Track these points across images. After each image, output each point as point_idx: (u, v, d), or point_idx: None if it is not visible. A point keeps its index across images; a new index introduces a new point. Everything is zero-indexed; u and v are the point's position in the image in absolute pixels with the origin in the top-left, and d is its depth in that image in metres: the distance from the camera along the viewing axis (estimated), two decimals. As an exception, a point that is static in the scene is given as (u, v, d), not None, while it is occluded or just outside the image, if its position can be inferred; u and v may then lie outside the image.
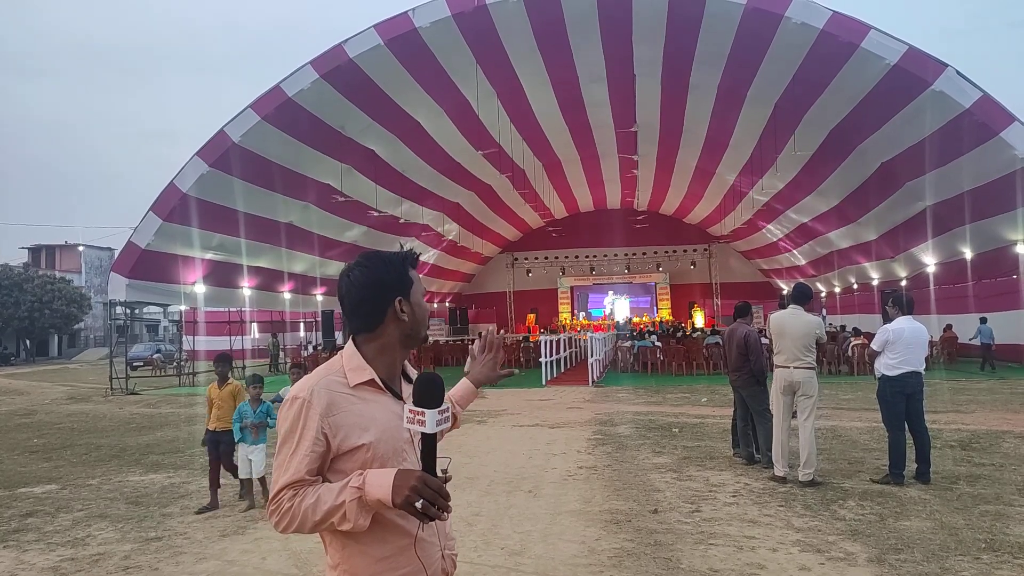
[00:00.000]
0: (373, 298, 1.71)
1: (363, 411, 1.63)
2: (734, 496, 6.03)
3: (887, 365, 6.42)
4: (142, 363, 30.12)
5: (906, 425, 6.38)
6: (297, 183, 19.99)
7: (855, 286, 28.07)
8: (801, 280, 27.62)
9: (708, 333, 22.26)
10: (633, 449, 8.34)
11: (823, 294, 31.49)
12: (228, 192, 18.66)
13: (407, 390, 1.75)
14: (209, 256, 20.57)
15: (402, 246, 1.84)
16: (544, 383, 17.16)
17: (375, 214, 22.43)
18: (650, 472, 7.05)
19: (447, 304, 39.17)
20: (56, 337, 53.66)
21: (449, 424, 1.61)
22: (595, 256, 38.30)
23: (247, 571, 4.54)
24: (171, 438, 10.64)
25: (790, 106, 17.71)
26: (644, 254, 37.93)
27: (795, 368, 6.41)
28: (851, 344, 17.59)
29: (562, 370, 20.31)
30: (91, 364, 40.29)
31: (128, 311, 21.30)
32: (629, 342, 22.29)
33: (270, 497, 1.60)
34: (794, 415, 6.57)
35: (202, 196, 18.28)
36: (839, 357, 18.06)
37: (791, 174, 21.54)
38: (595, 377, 17.25)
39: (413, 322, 1.73)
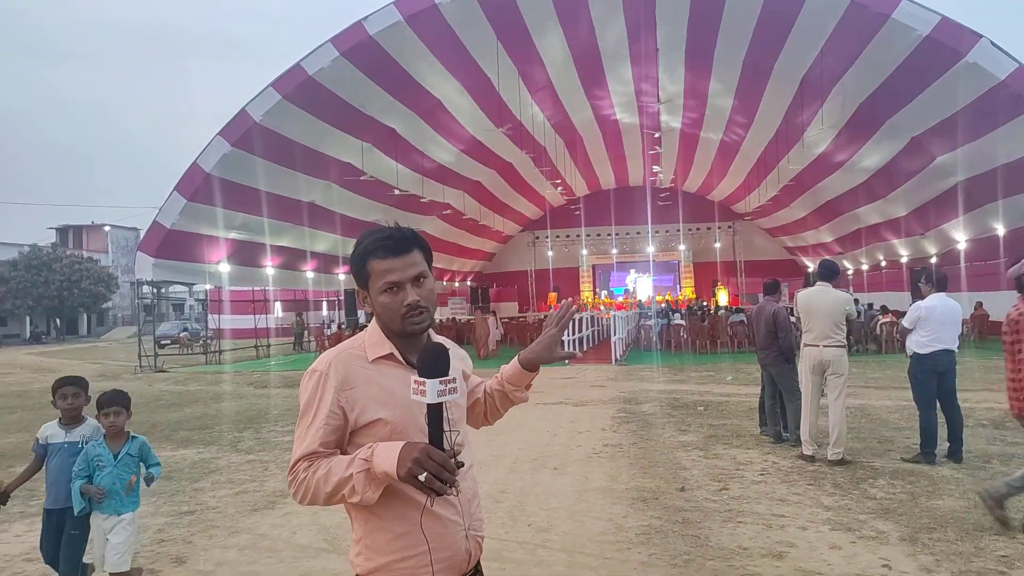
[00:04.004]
0: (355, 280, 1.74)
1: (381, 385, 1.63)
2: (762, 475, 5.99)
3: (918, 343, 6.31)
4: (169, 341, 30.59)
5: (938, 404, 6.28)
6: (318, 162, 20.03)
7: (883, 263, 27.62)
8: (828, 257, 27.25)
9: (732, 311, 22.08)
10: (658, 427, 8.32)
11: (850, 272, 31.04)
12: (251, 171, 18.75)
13: None
14: (233, 235, 20.74)
15: (395, 223, 1.74)
16: (567, 361, 17.14)
17: (396, 193, 22.43)
18: (676, 450, 7.03)
19: (468, 283, 39.24)
20: (85, 316, 54.66)
21: (456, 397, 1.55)
22: (617, 234, 38.04)
23: (277, 545, 4.60)
24: (200, 415, 10.81)
25: (817, 80, 17.31)
26: (667, 232, 37.59)
27: (825, 347, 6.31)
28: (879, 322, 17.35)
29: (585, 348, 20.28)
30: (120, 342, 41.01)
31: (155, 290, 21.60)
32: (652, 320, 22.18)
33: (288, 469, 1.62)
34: (823, 394, 6.49)
35: (225, 176, 18.39)
36: (867, 335, 17.83)
37: (818, 149, 21.15)
38: (618, 355, 17.21)
39: (379, 316, 1.70)
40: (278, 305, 28.67)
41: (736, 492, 5.47)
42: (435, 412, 1.50)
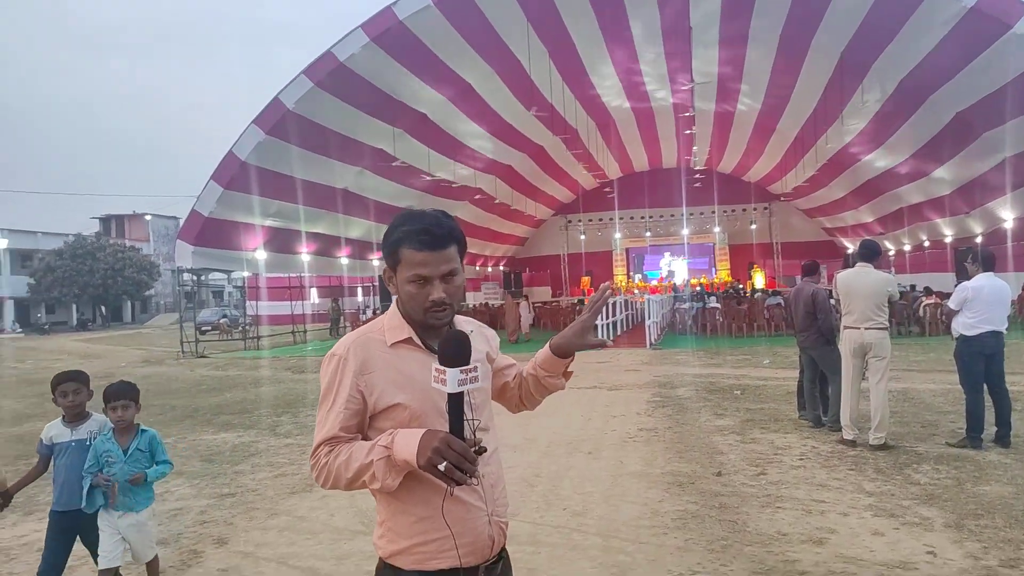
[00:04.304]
0: (384, 259, 1.71)
1: (400, 369, 1.62)
2: (801, 459, 5.89)
3: (965, 324, 6.11)
4: (210, 327, 31.24)
5: (985, 387, 6.10)
6: (351, 148, 20.15)
7: (926, 243, 26.90)
8: (868, 237, 26.60)
9: (769, 294, 21.75)
10: (694, 411, 8.24)
11: (891, 252, 30.31)
12: (285, 159, 18.95)
13: None
14: (268, 223, 21.02)
15: (446, 215, 1.68)
16: (609, 343, 17.03)
17: (428, 178, 22.48)
18: (712, 434, 6.95)
19: (501, 268, 39.26)
20: (129, 303, 56.14)
21: (478, 385, 1.52)
22: (651, 217, 37.62)
23: (316, 527, 4.67)
24: (239, 399, 11.03)
25: (857, 55, 16.82)
26: (702, 214, 37.04)
27: (866, 329, 6.16)
28: (922, 304, 16.92)
29: (619, 333, 20.17)
30: (163, 329, 42.00)
31: (195, 277, 22.05)
32: (687, 304, 21.97)
33: (311, 453, 1.63)
34: (864, 377, 6.35)
35: (260, 164, 18.62)
36: (910, 317, 17.41)
37: (858, 127, 20.62)
38: (653, 339, 17.08)
39: (401, 300, 1.68)
40: (314, 291, 29.06)
41: (774, 477, 5.39)
42: (456, 401, 1.49)
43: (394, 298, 1.73)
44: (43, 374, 16.84)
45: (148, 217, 61.08)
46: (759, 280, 34.95)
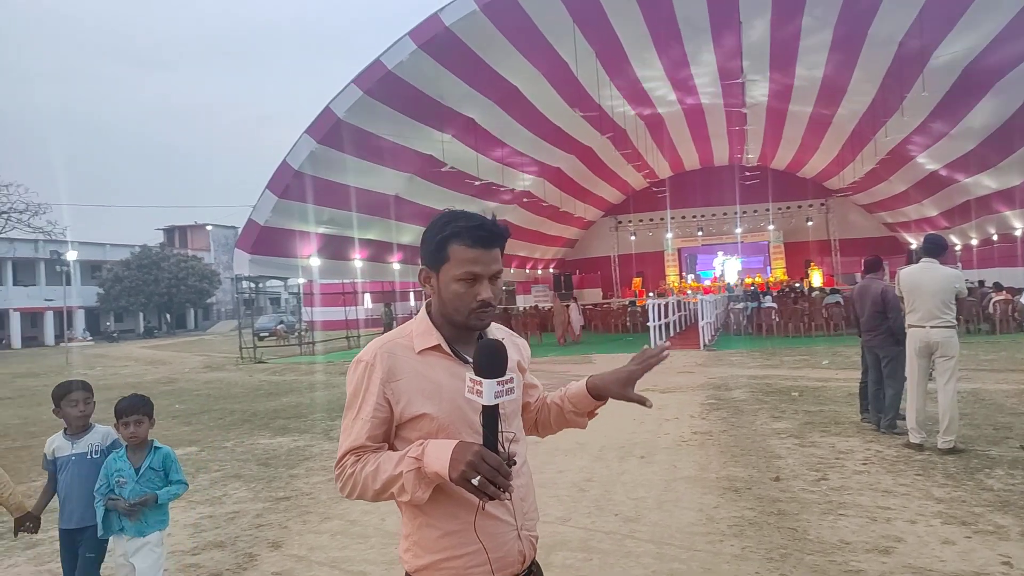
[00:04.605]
0: (420, 257, 1.65)
1: (428, 377, 1.55)
2: (864, 464, 5.66)
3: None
4: (267, 333, 32.04)
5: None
6: (401, 155, 20.40)
7: (995, 237, 25.68)
8: (933, 232, 25.59)
9: (828, 292, 21.11)
10: (750, 414, 8.02)
11: (957, 247, 29.06)
12: (337, 167, 19.32)
13: None
14: (322, 230, 21.45)
15: (492, 216, 1.63)
16: (653, 347, 16.82)
17: (476, 182, 22.59)
18: (769, 438, 6.75)
19: (551, 270, 39.16)
20: (192, 311, 58.13)
21: (513, 396, 1.47)
22: (703, 216, 36.99)
23: (368, 531, 4.69)
24: (295, 404, 11.24)
25: (917, 44, 16.18)
26: (755, 212, 36.24)
27: (932, 327, 5.88)
28: (992, 300, 16.15)
29: (671, 334, 19.86)
30: (223, 335, 43.29)
31: (253, 285, 22.66)
32: (742, 303, 21.51)
33: (336, 462, 1.58)
34: (930, 378, 6.07)
35: (313, 172, 19.02)
36: (979, 314, 16.65)
37: (919, 118, 19.83)
38: (707, 340, 16.76)
39: (441, 302, 1.60)
40: (367, 296, 29.48)
41: (836, 482, 5.19)
42: (491, 413, 1.43)
43: (423, 303, 1.69)
44: (111, 380, 17.54)
45: (209, 227, 63.16)
46: (816, 278, 34.04)
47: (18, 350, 41.59)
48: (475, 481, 1.37)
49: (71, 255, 44.08)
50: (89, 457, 3.21)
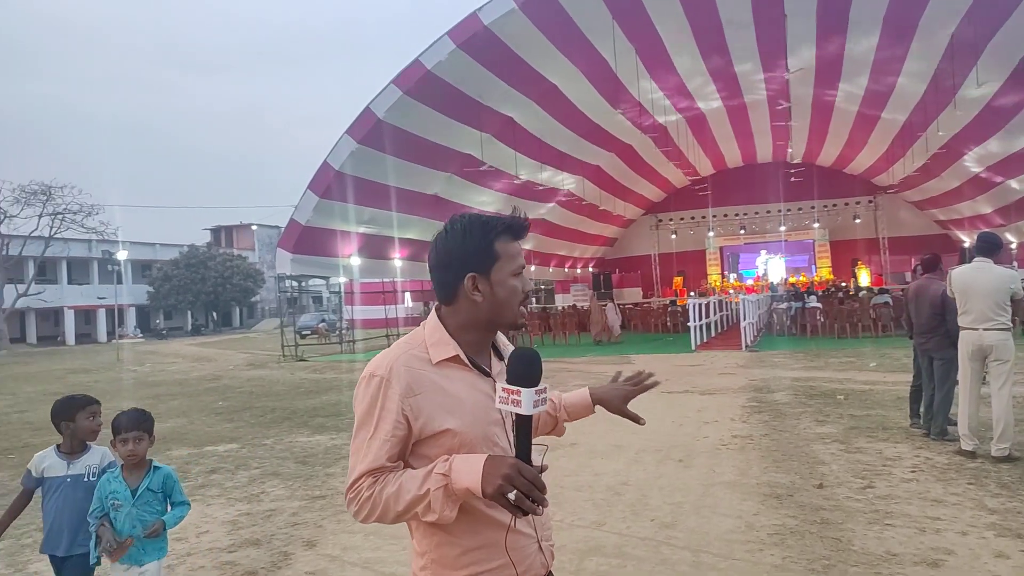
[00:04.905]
0: (446, 268, 1.53)
1: (448, 391, 1.47)
2: (913, 471, 5.46)
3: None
4: (309, 332, 32.54)
5: None
6: (440, 154, 20.48)
7: (1054, 235, 24.66)
8: (987, 230, 24.67)
9: (876, 292, 20.53)
10: (792, 417, 7.82)
11: (1013, 245, 27.96)
12: (377, 167, 19.48)
13: (497, 366, 1.57)
14: (362, 230, 21.66)
15: (515, 210, 1.59)
16: (694, 348, 16.60)
17: (515, 181, 22.55)
18: (813, 443, 6.56)
19: (590, 269, 38.93)
20: (237, 309, 59.43)
21: (546, 406, 1.42)
22: (746, 214, 36.29)
23: (401, 532, 4.65)
24: (334, 402, 11.36)
25: (970, 34, 15.58)
26: (800, 210, 35.41)
27: (985, 330, 5.64)
28: (1051, 301, 15.49)
29: (712, 334, 19.56)
30: (267, 333, 44.12)
31: (295, 284, 23.03)
32: (785, 303, 21.06)
33: (347, 485, 1.47)
34: (983, 382, 5.82)
35: (353, 172, 19.22)
36: (1035, 316, 15.98)
37: (974, 111, 19.12)
38: (749, 341, 16.45)
39: (490, 304, 1.51)
40: (407, 295, 29.74)
41: (883, 491, 5.00)
42: (525, 424, 1.38)
43: (431, 310, 1.60)
44: (161, 376, 18.02)
45: (254, 227, 64.50)
46: (864, 277, 33.14)
47: (72, 346, 43.07)
48: (512, 496, 1.31)
49: (122, 255, 45.43)
50: (86, 480, 2.95)
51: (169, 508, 2.92)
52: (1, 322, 39.37)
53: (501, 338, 1.68)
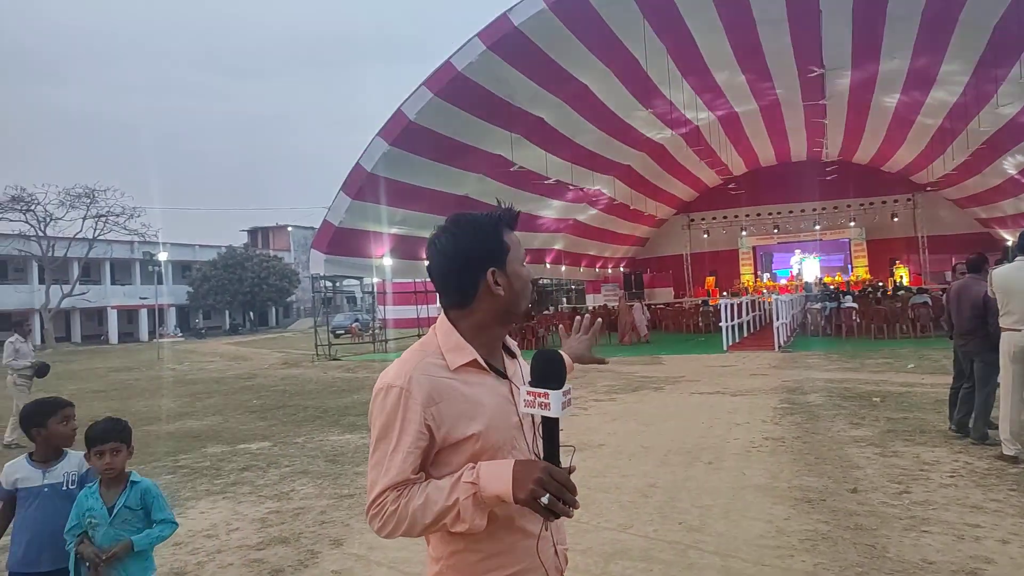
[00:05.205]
0: (461, 270, 1.52)
1: (468, 397, 1.44)
2: (952, 476, 5.31)
3: None
4: (343, 331, 32.92)
5: None
6: (470, 155, 20.54)
7: (1104, 233, 23.78)
8: (1032, 229, 23.89)
9: (914, 292, 20.06)
10: (826, 420, 7.67)
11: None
12: (408, 168, 19.62)
13: (510, 367, 1.57)
14: (394, 231, 21.83)
15: (500, 203, 1.60)
16: (725, 348, 16.39)
17: (546, 181, 22.52)
18: (847, 446, 6.43)
19: (621, 269, 38.71)
20: (274, 308, 60.38)
21: (572, 407, 1.41)
22: (779, 213, 35.73)
23: (429, 532, 4.70)
24: (365, 401, 11.44)
25: (1013, 27, 15.13)
26: (835, 208, 34.75)
27: (1028, 331, 5.47)
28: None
29: (745, 335, 19.29)
30: (302, 332, 44.68)
31: (330, 284, 23.31)
32: (820, 303, 20.69)
33: (369, 500, 1.43)
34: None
35: (385, 174, 19.38)
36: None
37: (1017, 106, 18.58)
38: (782, 342, 16.19)
39: (510, 296, 1.51)
40: (439, 295, 29.89)
41: (920, 496, 4.88)
42: (552, 426, 1.37)
43: (440, 315, 1.60)
44: (198, 375, 18.38)
45: (289, 228, 65.45)
46: (902, 277, 32.41)
47: (115, 345, 44.18)
48: (545, 500, 1.30)
49: (163, 256, 46.40)
50: (64, 488, 2.71)
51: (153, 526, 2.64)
52: (47, 321, 40.57)
53: (508, 340, 1.68)
